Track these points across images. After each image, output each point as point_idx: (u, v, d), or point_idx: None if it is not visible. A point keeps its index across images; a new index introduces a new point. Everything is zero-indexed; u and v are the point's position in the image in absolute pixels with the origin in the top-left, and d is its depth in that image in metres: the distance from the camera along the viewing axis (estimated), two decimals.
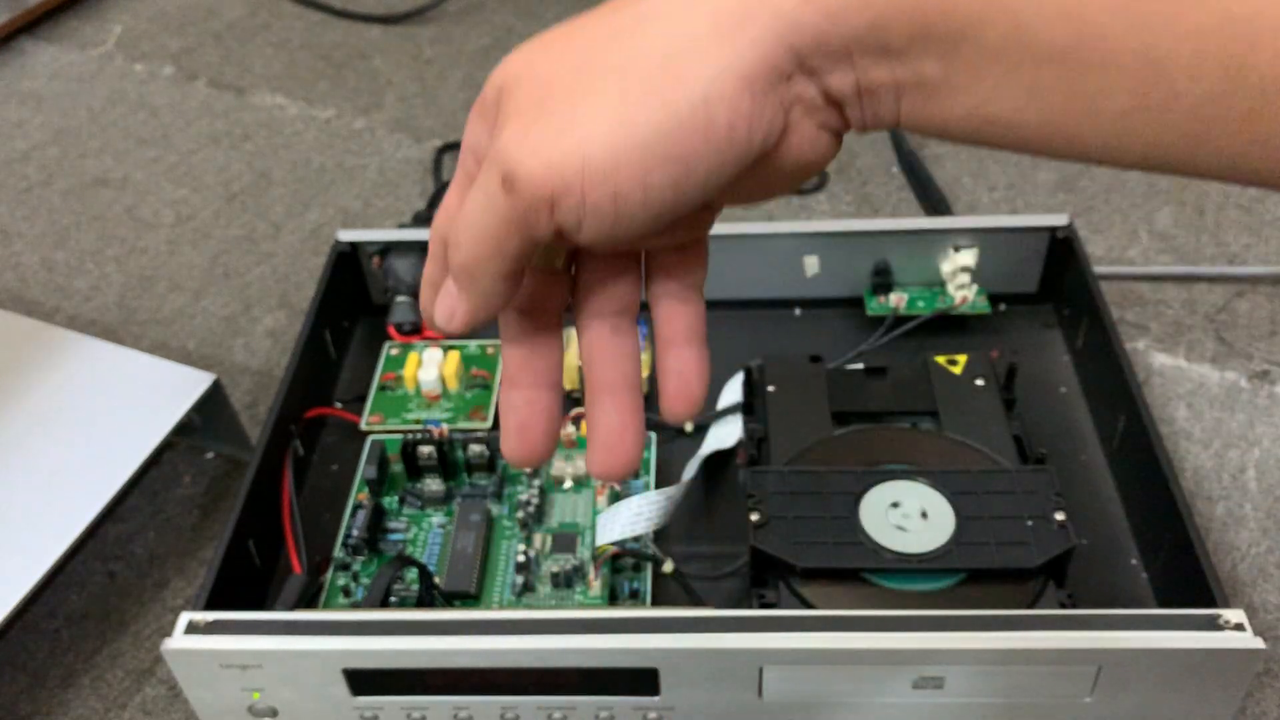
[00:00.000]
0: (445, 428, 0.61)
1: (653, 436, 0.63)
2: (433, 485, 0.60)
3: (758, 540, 0.50)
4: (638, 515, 0.54)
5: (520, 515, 0.58)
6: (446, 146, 0.92)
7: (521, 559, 0.56)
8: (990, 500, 0.51)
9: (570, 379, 0.64)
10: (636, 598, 0.55)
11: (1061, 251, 0.68)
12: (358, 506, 0.59)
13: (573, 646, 0.45)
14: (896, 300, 0.69)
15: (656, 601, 0.55)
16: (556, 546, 0.57)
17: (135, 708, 0.55)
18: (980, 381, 0.60)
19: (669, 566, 0.55)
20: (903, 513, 0.51)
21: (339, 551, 0.58)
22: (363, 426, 0.65)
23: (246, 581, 0.55)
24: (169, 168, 0.93)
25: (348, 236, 0.70)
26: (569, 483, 0.61)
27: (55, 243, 0.85)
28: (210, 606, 0.50)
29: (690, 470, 0.59)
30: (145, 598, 0.60)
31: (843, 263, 0.69)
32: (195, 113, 0.99)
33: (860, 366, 0.62)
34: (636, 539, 0.56)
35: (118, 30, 1.13)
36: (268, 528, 0.57)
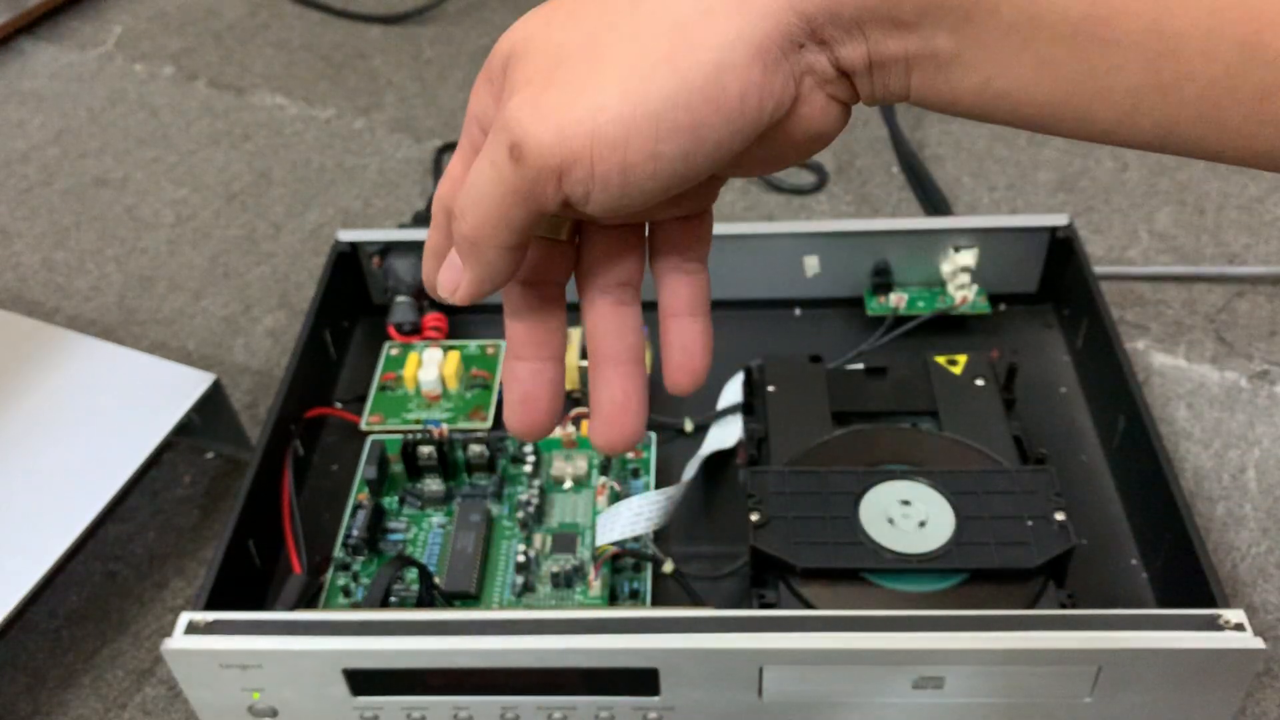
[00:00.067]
0: (445, 428, 0.61)
1: (653, 436, 0.63)
2: (433, 485, 0.60)
3: (758, 540, 0.50)
4: (638, 515, 0.54)
5: (520, 515, 0.58)
6: (446, 146, 0.92)
7: (521, 559, 0.56)
8: (990, 500, 0.51)
9: (570, 379, 0.64)
10: (636, 598, 0.55)
11: (1061, 251, 0.68)
12: (358, 506, 0.59)
13: (573, 646, 0.45)
14: (896, 300, 0.69)
15: (656, 601, 0.55)
16: (556, 546, 0.57)
17: (135, 708, 0.55)
18: (980, 381, 0.60)
19: (669, 566, 0.55)
20: (903, 513, 0.51)
21: (339, 551, 0.58)
22: (363, 426, 0.65)
23: (246, 581, 0.55)
24: (169, 168, 0.93)
25: (348, 236, 0.70)
26: (569, 483, 0.61)
27: (55, 243, 0.85)
28: (210, 606, 0.50)
29: (690, 470, 0.59)
30: (145, 598, 0.60)
31: (843, 263, 0.69)
32: (195, 113, 0.99)
33: (860, 366, 0.62)
34: (636, 539, 0.56)
35: (118, 30, 1.13)
36: (268, 528, 0.58)
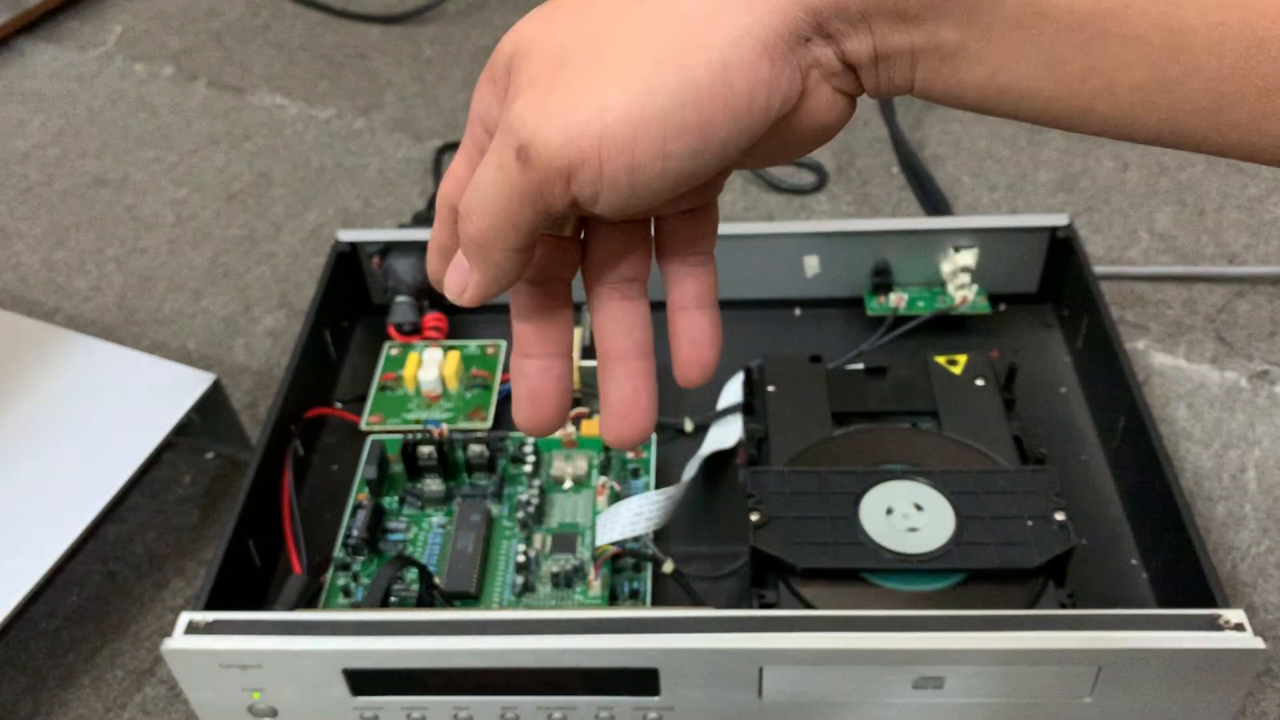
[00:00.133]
0: (445, 428, 0.61)
1: (653, 436, 0.63)
2: (433, 485, 0.60)
3: (758, 540, 0.50)
4: (638, 515, 0.54)
5: (520, 515, 0.58)
6: (446, 146, 0.92)
7: (521, 559, 0.56)
8: (990, 500, 0.51)
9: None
10: (636, 598, 0.55)
11: (1061, 251, 0.68)
12: (358, 506, 0.59)
13: (573, 646, 0.45)
14: (896, 300, 0.69)
15: (656, 601, 0.55)
16: (556, 546, 0.57)
17: (135, 708, 0.55)
18: (980, 381, 0.60)
19: (669, 566, 0.55)
20: (903, 513, 0.51)
21: (339, 551, 0.58)
22: (363, 426, 0.65)
23: (246, 581, 0.55)
24: (169, 168, 0.93)
25: (348, 236, 0.70)
26: (569, 483, 0.61)
27: (55, 243, 0.85)
28: (210, 606, 0.50)
29: (690, 470, 0.59)
30: (145, 598, 0.60)
31: (843, 263, 0.69)
32: (195, 113, 0.99)
33: (860, 366, 0.62)
34: (636, 539, 0.56)
35: (118, 30, 1.13)
36: (268, 528, 0.57)
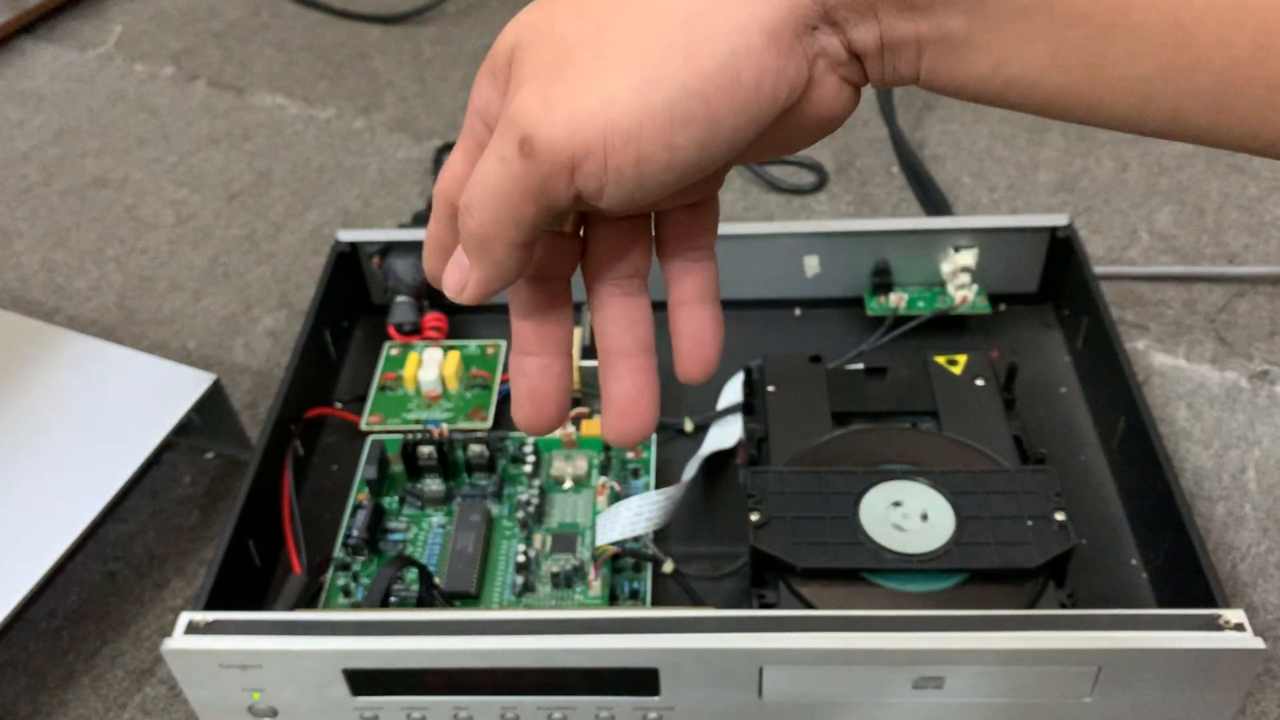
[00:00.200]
0: (445, 428, 0.61)
1: (653, 436, 0.63)
2: (433, 485, 0.60)
3: (758, 540, 0.50)
4: (638, 515, 0.54)
5: (520, 515, 0.58)
6: (446, 146, 0.92)
7: (521, 559, 0.56)
8: (990, 500, 0.51)
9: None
10: (636, 598, 0.55)
11: (1061, 251, 0.68)
12: (358, 506, 0.59)
13: (573, 646, 0.45)
14: (896, 300, 0.69)
15: (656, 601, 0.55)
16: (556, 546, 0.57)
17: (135, 708, 0.55)
18: (980, 381, 0.60)
19: (669, 566, 0.55)
20: (903, 513, 0.51)
21: (339, 551, 0.58)
22: (363, 426, 0.65)
23: (246, 581, 0.55)
24: (169, 168, 0.93)
25: (348, 236, 0.70)
26: (569, 483, 0.61)
27: (55, 243, 0.85)
28: (210, 606, 0.50)
29: (690, 470, 0.59)
30: (145, 598, 0.60)
31: (843, 263, 0.69)
32: (195, 113, 0.99)
33: (860, 366, 0.62)
34: (636, 539, 0.56)
35: (118, 30, 1.13)
36: (268, 528, 0.57)
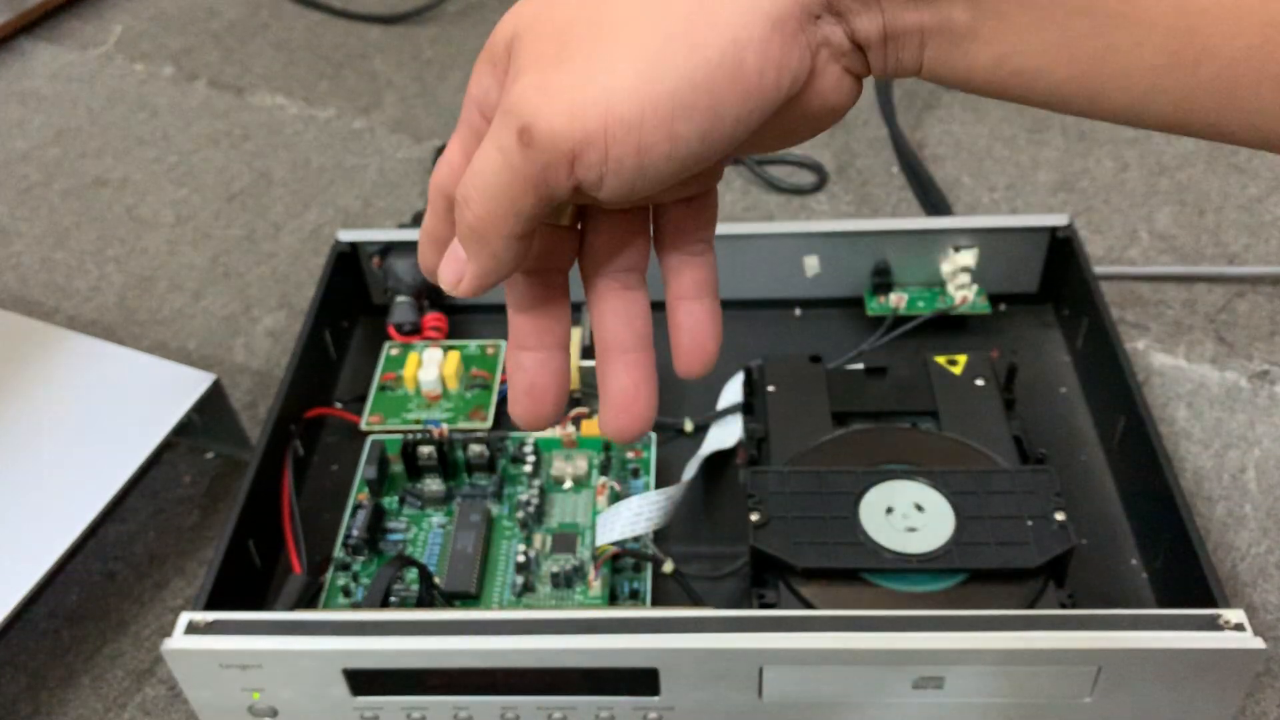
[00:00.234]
0: (445, 428, 0.61)
1: (653, 436, 0.63)
2: (433, 485, 0.60)
3: (758, 540, 0.50)
4: (638, 515, 0.54)
5: (520, 515, 0.58)
6: (446, 147, 0.92)
7: (521, 559, 0.56)
8: (990, 500, 0.51)
9: (570, 378, 0.64)
10: (636, 598, 0.55)
11: (1061, 251, 0.68)
12: (358, 506, 0.59)
13: (573, 646, 0.45)
14: (896, 300, 0.69)
15: (656, 601, 0.55)
16: (556, 546, 0.57)
17: (135, 708, 0.55)
18: (980, 381, 0.60)
19: (669, 566, 0.55)
20: (902, 513, 0.51)
21: (339, 551, 0.58)
22: (363, 426, 0.65)
23: (246, 581, 0.55)
24: (169, 168, 0.93)
25: (348, 236, 0.70)
26: (569, 483, 0.60)
27: (55, 243, 0.85)
28: (210, 606, 0.50)
29: (690, 470, 0.59)
30: (145, 598, 0.60)
31: (843, 263, 0.69)
32: (195, 113, 0.99)
33: (860, 366, 0.62)
34: (636, 539, 0.56)
35: (118, 30, 1.13)
36: (268, 528, 0.57)
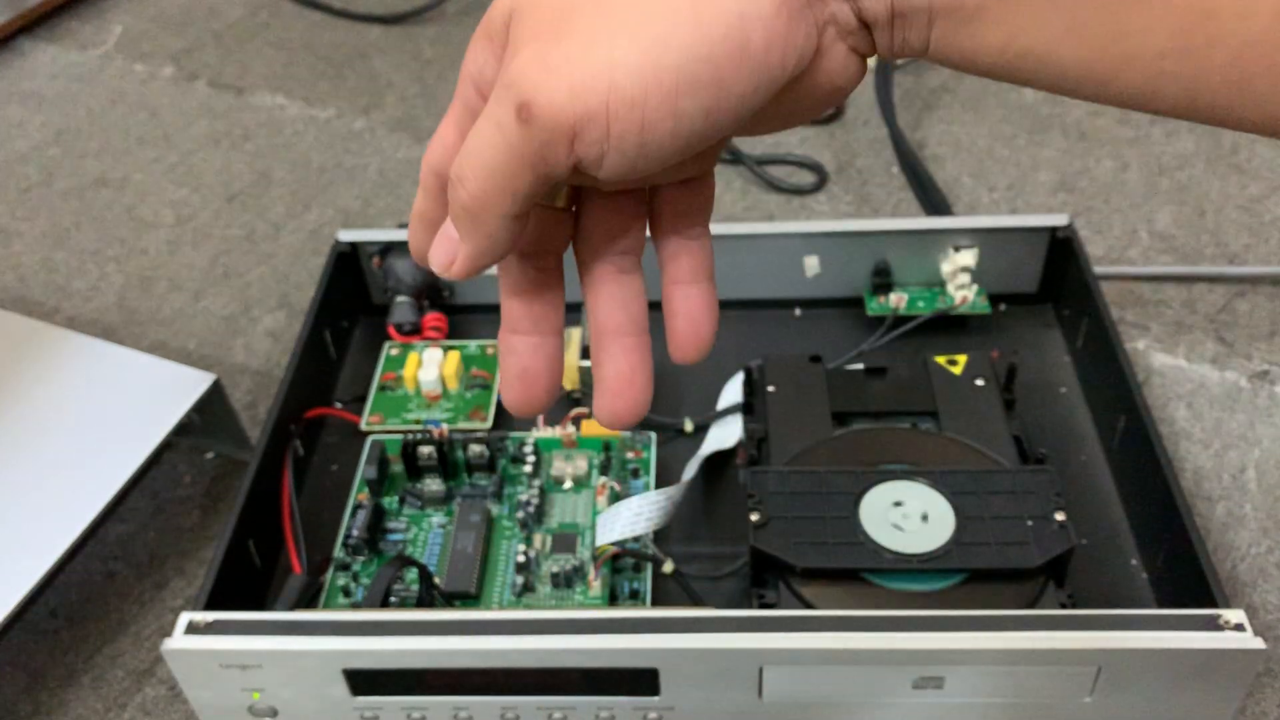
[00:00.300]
0: (445, 428, 0.61)
1: (652, 436, 0.63)
2: (433, 485, 0.60)
3: (758, 540, 0.50)
4: (638, 515, 0.54)
5: (520, 515, 0.58)
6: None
7: (521, 559, 0.56)
8: (990, 500, 0.51)
9: (570, 379, 0.64)
10: (636, 598, 0.55)
11: (1061, 251, 0.68)
12: (358, 506, 0.59)
13: (573, 646, 0.45)
14: (896, 300, 0.69)
15: (656, 601, 0.55)
16: (556, 546, 0.57)
17: (135, 708, 0.55)
18: (980, 381, 0.60)
19: (669, 566, 0.55)
20: (903, 513, 0.51)
21: (339, 551, 0.58)
22: (363, 426, 0.65)
23: (246, 581, 0.55)
24: (169, 168, 0.93)
25: (348, 236, 0.70)
26: (569, 483, 0.60)
27: (55, 243, 0.85)
28: (210, 606, 0.50)
29: (690, 470, 0.59)
30: (145, 598, 0.60)
31: (843, 263, 0.69)
32: (195, 113, 0.99)
33: (860, 366, 0.62)
34: (636, 539, 0.56)
35: (118, 30, 1.13)
36: (268, 528, 0.57)
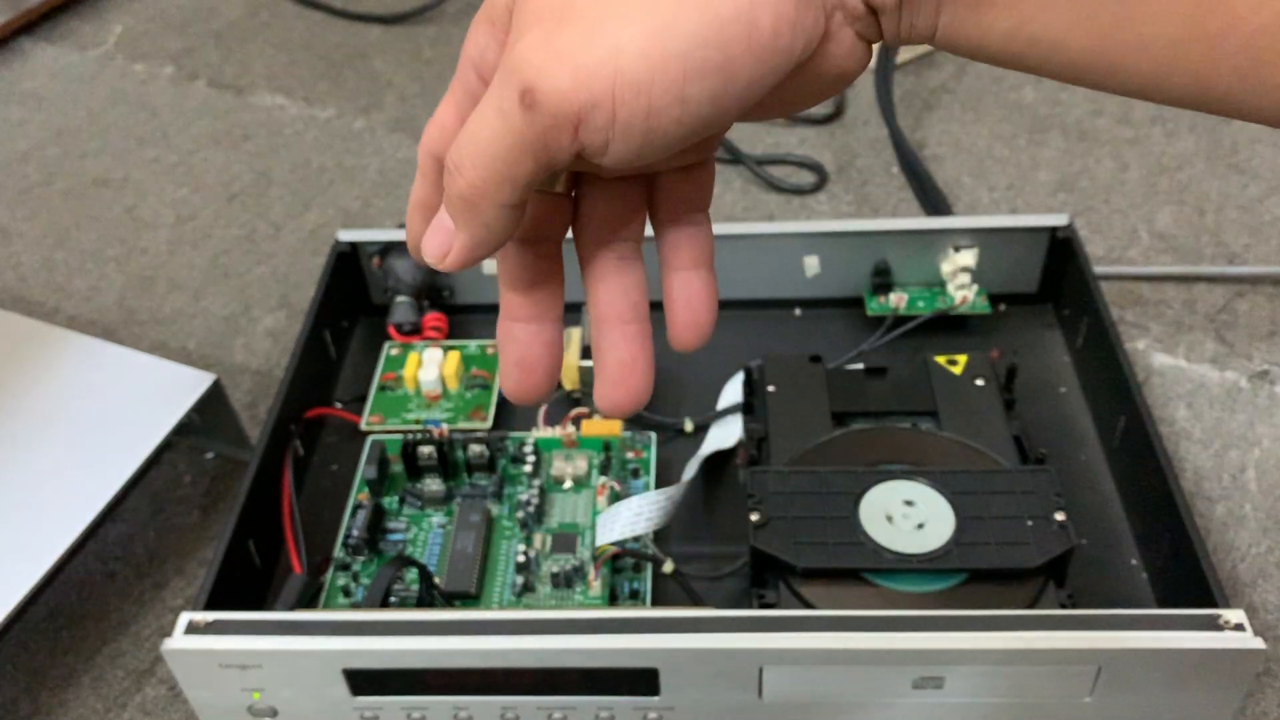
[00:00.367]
0: (445, 428, 0.61)
1: (652, 436, 0.63)
2: (433, 485, 0.60)
3: (758, 540, 0.50)
4: (638, 515, 0.54)
5: (520, 515, 0.58)
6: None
7: (521, 559, 0.56)
8: (990, 500, 0.51)
9: (570, 379, 0.64)
10: (636, 598, 0.55)
11: (1061, 251, 0.68)
12: (358, 506, 0.59)
13: (573, 646, 0.45)
14: (896, 300, 0.69)
15: (656, 601, 0.55)
16: (556, 546, 0.57)
17: (135, 708, 0.55)
18: (980, 381, 0.60)
19: (669, 566, 0.55)
20: (903, 513, 0.51)
21: (339, 551, 0.58)
22: (363, 426, 0.65)
23: (246, 581, 0.55)
24: (169, 168, 0.93)
25: (348, 236, 0.70)
26: (569, 483, 0.60)
27: (55, 243, 0.85)
28: (210, 606, 0.50)
29: (690, 470, 0.59)
30: (145, 598, 0.60)
31: (843, 263, 0.69)
32: (195, 113, 0.99)
33: (860, 366, 0.62)
34: (636, 539, 0.56)
35: (118, 30, 1.13)
36: (268, 528, 0.57)
